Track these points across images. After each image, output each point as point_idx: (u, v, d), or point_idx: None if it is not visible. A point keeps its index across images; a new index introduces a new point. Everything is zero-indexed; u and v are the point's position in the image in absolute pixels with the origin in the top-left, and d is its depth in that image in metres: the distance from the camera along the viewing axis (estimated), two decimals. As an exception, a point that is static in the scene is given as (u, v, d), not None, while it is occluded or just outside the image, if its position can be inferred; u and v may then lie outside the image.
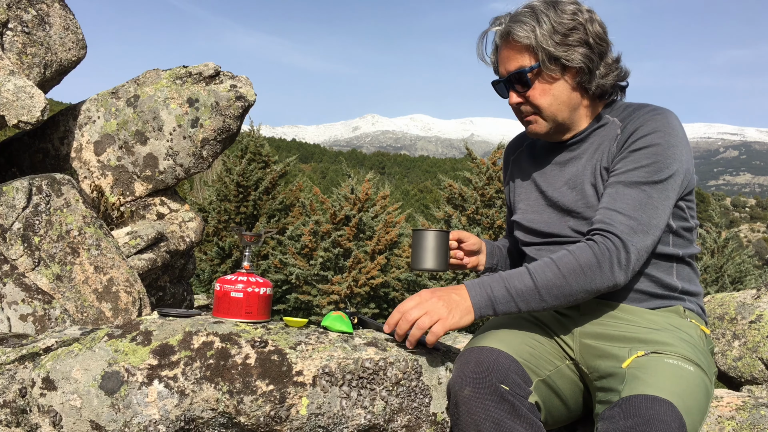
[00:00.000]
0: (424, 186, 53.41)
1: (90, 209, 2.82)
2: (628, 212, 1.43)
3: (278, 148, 30.88)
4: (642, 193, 1.44)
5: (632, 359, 1.37)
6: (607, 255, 1.40)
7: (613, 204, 1.46)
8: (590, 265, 1.40)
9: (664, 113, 1.52)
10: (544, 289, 1.41)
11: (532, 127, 1.61)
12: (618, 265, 1.40)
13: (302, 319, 1.63)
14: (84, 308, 2.66)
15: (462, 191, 10.92)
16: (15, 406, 1.52)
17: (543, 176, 1.68)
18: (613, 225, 1.42)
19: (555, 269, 1.41)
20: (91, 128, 3.57)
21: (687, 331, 1.47)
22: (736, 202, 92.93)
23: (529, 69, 1.53)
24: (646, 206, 1.44)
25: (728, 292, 3.08)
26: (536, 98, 1.56)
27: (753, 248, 20.55)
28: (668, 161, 1.46)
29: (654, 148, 1.47)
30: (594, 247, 1.41)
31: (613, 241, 1.41)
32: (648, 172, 1.45)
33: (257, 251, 11.94)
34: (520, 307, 1.43)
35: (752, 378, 2.74)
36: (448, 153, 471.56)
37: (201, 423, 1.44)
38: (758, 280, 11.68)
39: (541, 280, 1.41)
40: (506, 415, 1.32)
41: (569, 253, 1.42)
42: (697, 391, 1.30)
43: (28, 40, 3.25)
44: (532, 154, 1.76)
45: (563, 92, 1.56)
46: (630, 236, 1.41)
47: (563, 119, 1.59)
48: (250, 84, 3.55)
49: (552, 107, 1.56)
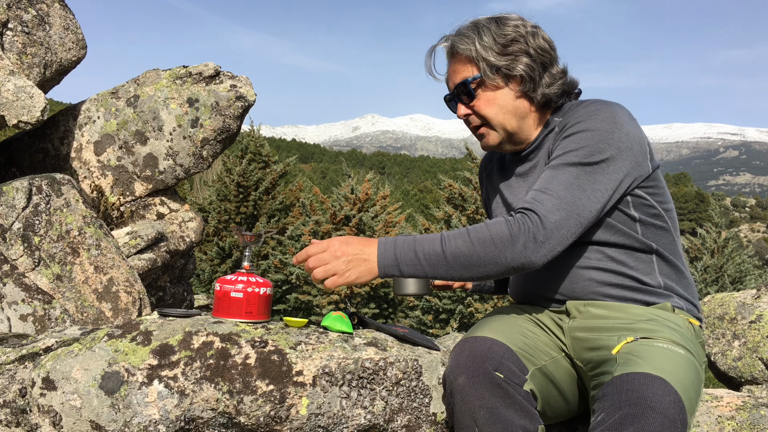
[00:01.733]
0: (424, 186, 53.42)
1: (90, 209, 2.82)
2: (551, 191, 1.42)
3: (278, 148, 30.88)
4: (568, 175, 1.43)
5: (622, 345, 1.36)
6: (523, 229, 1.38)
7: (538, 186, 1.45)
8: (502, 237, 1.38)
9: (597, 102, 1.53)
10: (452, 255, 1.39)
11: (484, 140, 1.64)
12: (534, 241, 1.37)
13: (302, 319, 1.64)
14: (84, 308, 2.66)
15: (462, 191, 10.92)
16: (15, 406, 1.52)
17: (509, 189, 1.71)
18: (534, 203, 1.41)
19: (466, 237, 1.40)
20: (91, 128, 3.57)
21: (675, 322, 1.46)
22: (736, 202, 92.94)
23: (472, 79, 1.58)
24: (571, 186, 1.42)
25: (728, 292, 3.08)
26: (481, 108, 1.60)
27: (753, 248, 20.55)
28: (601, 146, 1.44)
29: (585, 133, 1.46)
30: (510, 221, 1.40)
31: (530, 218, 1.39)
32: (577, 155, 1.45)
33: (257, 251, 11.94)
34: (427, 271, 1.42)
35: (752, 378, 2.74)
36: (448, 153, 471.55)
37: (201, 423, 1.44)
38: (758, 280, 11.68)
39: (450, 246, 1.40)
40: (501, 403, 1.33)
41: (484, 225, 1.42)
42: (689, 370, 1.29)
43: (28, 40, 3.25)
44: (500, 168, 1.79)
45: (508, 101, 1.59)
46: (549, 213, 1.39)
47: (513, 128, 1.61)
48: (250, 84, 3.55)
49: (498, 116, 1.59)
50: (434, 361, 1.56)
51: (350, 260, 1.42)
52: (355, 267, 1.42)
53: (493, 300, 9.06)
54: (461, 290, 2.07)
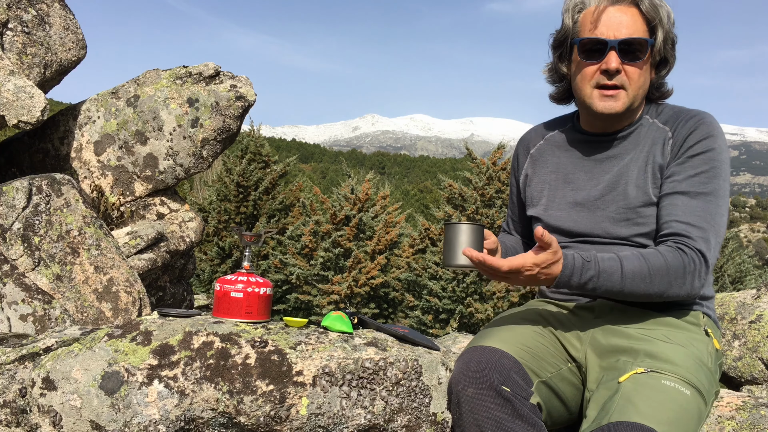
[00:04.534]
0: (424, 186, 53.39)
1: (90, 209, 2.82)
2: (701, 225, 1.44)
3: (278, 148, 30.86)
4: (708, 204, 1.46)
5: (630, 374, 1.35)
6: (692, 266, 1.42)
7: (684, 217, 1.46)
8: (676, 270, 1.41)
9: (710, 117, 1.53)
10: (629, 275, 1.41)
11: (610, 102, 1.53)
12: (698, 278, 1.43)
13: (302, 319, 1.63)
14: (84, 308, 2.66)
15: (462, 191, 10.91)
16: (15, 406, 1.52)
17: (575, 172, 1.64)
18: (692, 239, 1.44)
19: (643, 261, 1.42)
20: (91, 128, 3.57)
21: (698, 347, 1.46)
22: (736, 202, 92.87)
23: (652, 42, 1.52)
24: (714, 216, 1.46)
25: (728, 292, 3.08)
26: (635, 73, 1.52)
27: (753, 248, 20.53)
28: (723, 166, 1.48)
29: (710, 153, 1.48)
30: (683, 255, 1.42)
31: (697, 254, 1.43)
32: (708, 177, 1.47)
33: (257, 251, 11.94)
34: (600, 284, 1.41)
35: (752, 378, 2.74)
36: (448, 153, 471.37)
37: (201, 423, 1.44)
38: (758, 280, 11.67)
39: (627, 267, 1.41)
40: (507, 415, 1.33)
41: (658, 252, 1.43)
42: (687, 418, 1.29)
43: (28, 40, 3.25)
44: (559, 149, 1.71)
45: (647, 81, 1.57)
46: (708, 251, 1.44)
47: (635, 106, 1.57)
48: (250, 84, 3.55)
49: (640, 90, 1.55)
50: (434, 361, 1.56)
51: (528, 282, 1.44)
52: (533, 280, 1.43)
53: (493, 300, 9.06)
54: (461, 291, 2.07)
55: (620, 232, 1.54)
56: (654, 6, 1.50)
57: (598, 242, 1.57)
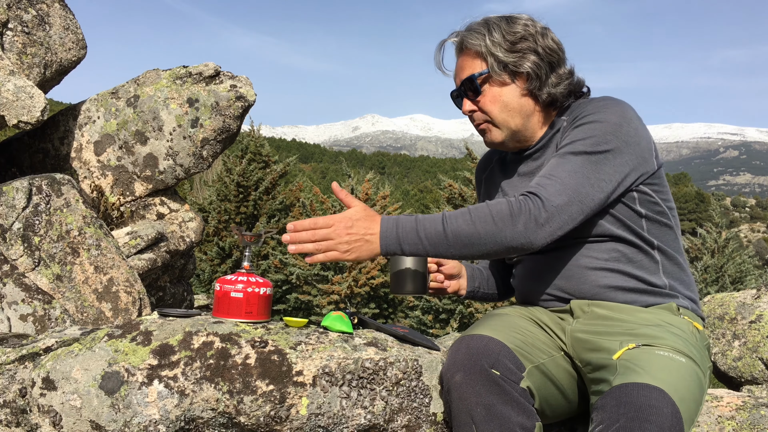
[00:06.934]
0: (424, 186, 53.40)
1: (90, 209, 2.82)
2: (555, 177, 1.43)
3: (278, 148, 30.86)
4: (573, 163, 1.45)
5: (623, 351, 1.36)
6: (524, 209, 1.39)
7: (543, 172, 1.47)
8: (502, 215, 1.39)
9: (606, 98, 1.55)
10: (453, 234, 1.40)
11: (487, 136, 1.65)
12: (535, 223, 1.38)
13: (302, 319, 1.63)
14: (84, 308, 2.66)
15: (462, 191, 10.91)
16: (15, 406, 1.52)
17: (512, 188, 1.70)
18: (537, 187, 1.43)
19: (467, 216, 1.40)
20: (91, 128, 3.57)
21: (679, 327, 1.46)
22: (736, 202, 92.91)
23: (479, 74, 1.58)
24: (576, 173, 1.43)
25: (728, 292, 3.08)
26: (486, 105, 1.60)
27: (753, 248, 20.55)
28: (608, 137, 1.46)
29: (594, 124, 1.48)
30: (512, 201, 1.41)
31: (532, 200, 1.41)
32: (584, 144, 1.46)
33: (257, 251, 11.94)
34: (428, 249, 1.42)
35: (752, 378, 2.74)
36: (448, 153, 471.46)
37: (201, 423, 1.44)
38: (758, 280, 11.67)
39: (451, 224, 1.40)
40: (498, 400, 1.33)
41: (485, 204, 1.43)
42: (689, 380, 1.29)
43: (28, 40, 3.25)
44: (502, 169, 1.79)
45: (513, 98, 1.59)
46: (552, 197, 1.40)
47: (516, 126, 1.61)
48: (250, 84, 3.55)
49: (503, 114, 1.60)
50: (434, 361, 1.56)
51: (354, 241, 1.42)
52: (356, 248, 1.42)
53: (493, 300, 9.05)
54: None
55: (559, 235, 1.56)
56: (475, 39, 1.58)
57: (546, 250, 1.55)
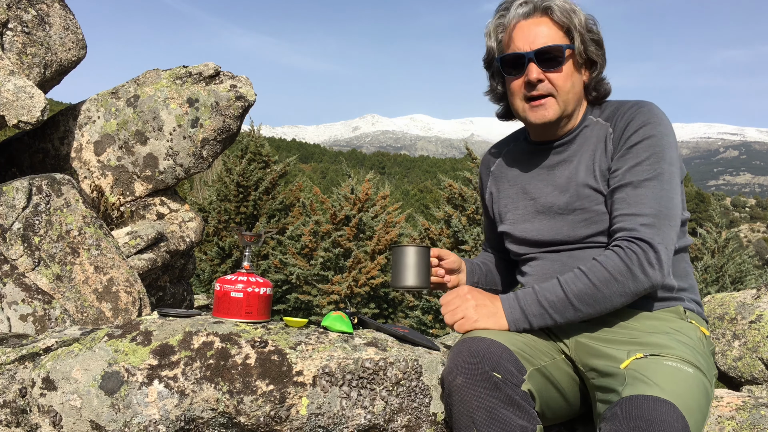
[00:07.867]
0: (424, 186, 53.39)
1: (90, 209, 2.82)
2: (645, 212, 1.45)
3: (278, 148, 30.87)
4: (652, 190, 1.47)
5: (631, 360, 1.36)
6: (635, 258, 1.42)
7: (628, 208, 1.48)
8: (620, 271, 1.42)
9: (648, 105, 1.55)
10: (577, 299, 1.44)
11: (540, 111, 1.58)
12: (649, 266, 1.42)
13: (302, 319, 1.63)
14: (84, 308, 2.66)
15: (462, 191, 10.92)
16: (15, 406, 1.52)
17: (531, 183, 1.68)
18: (635, 229, 1.44)
19: (585, 279, 1.44)
20: (91, 128, 3.57)
21: (687, 334, 1.47)
22: (736, 202, 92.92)
23: (567, 47, 1.55)
24: (660, 200, 1.46)
25: (728, 292, 3.08)
26: (559, 79, 1.56)
27: (753, 248, 20.55)
28: (665, 150, 1.49)
29: (650, 140, 1.50)
30: (620, 252, 1.44)
31: (638, 244, 1.43)
32: (650, 164, 1.48)
33: (257, 251, 11.94)
34: (556, 318, 1.46)
35: (752, 378, 2.74)
36: (448, 153, 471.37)
37: (201, 423, 1.44)
38: (758, 280, 11.67)
39: (572, 289, 1.44)
40: (499, 403, 1.33)
41: (597, 262, 1.45)
42: (697, 392, 1.29)
43: (28, 40, 3.25)
44: (515, 163, 1.76)
45: (578, 84, 1.60)
46: (653, 235, 1.43)
47: (570, 110, 1.60)
48: (250, 84, 3.55)
49: (569, 94, 1.58)
50: (434, 361, 1.56)
51: (478, 305, 1.50)
52: (484, 316, 1.49)
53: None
54: None
55: (580, 233, 1.56)
56: (565, 12, 1.55)
57: (563, 249, 1.59)
